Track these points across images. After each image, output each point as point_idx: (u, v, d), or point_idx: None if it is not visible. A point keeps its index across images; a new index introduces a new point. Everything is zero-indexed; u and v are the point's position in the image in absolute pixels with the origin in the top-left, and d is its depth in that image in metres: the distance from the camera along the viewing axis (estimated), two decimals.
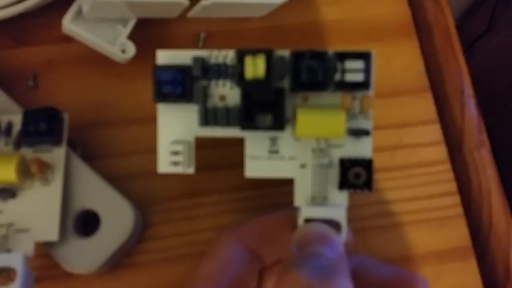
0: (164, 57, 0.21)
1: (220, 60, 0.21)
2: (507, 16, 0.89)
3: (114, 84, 0.28)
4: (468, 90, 0.30)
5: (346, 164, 0.22)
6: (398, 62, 0.31)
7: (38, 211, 0.22)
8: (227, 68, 0.21)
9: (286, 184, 0.23)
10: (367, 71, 0.21)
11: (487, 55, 0.98)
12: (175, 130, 0.22)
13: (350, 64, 0.21)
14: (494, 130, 0.96)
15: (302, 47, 0.29)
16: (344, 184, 0.22)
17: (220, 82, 0.22)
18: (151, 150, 0.26)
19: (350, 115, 0.22)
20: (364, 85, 0.21)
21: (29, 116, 0.23)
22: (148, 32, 0.29)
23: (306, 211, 0.22)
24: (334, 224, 0.21)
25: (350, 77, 0.21)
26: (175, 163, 0.22)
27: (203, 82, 0.21)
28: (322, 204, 0.22)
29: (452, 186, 0.29)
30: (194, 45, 0.30)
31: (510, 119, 0.92)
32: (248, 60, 0.21)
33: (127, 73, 0.28)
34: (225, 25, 0.30)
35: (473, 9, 1.03)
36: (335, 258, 0.19)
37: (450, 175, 0.29)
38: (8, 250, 0.21)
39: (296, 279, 0.18)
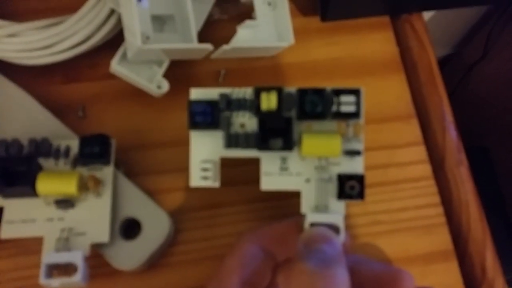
0: (196, 93, 0.26)
1: (241, 96, 0.25)
2: (501, 43, 0.91)
3: (150, 114, 0.32)
4: (448, 116, 0.33)
5: (343, 179, 0.25)
6: (389, 93, 0.34)
7: (92, 218, 0.26)
8: (246, 102, 0.25)
9: (293, 197, 0.26)
10: (357, 103, 0.25)
11: (484, 79, 0.98)
12: (204, 151, 0.26)
13: (344, 98, 0.25)
14: (493, 151, 0.97)
15: (305, 81, 0.33)
16: (341, 194, 0.25)
17: (241, 113, 0.26)
18: (180, 169, 0.30)
19: (345, 139, 0.25)
20: (355, 115, 0.25)
21: (85, 141, 0.27)
22: (179, 71, 0.32)
23: (310, 217, 0.25)
24: (334, 228, 0.24)
25: (344, 109, 0.25)
26: (205, 178, 0.25)
27: (227, 113, 0.25)
28: (324, 211, 0.25)
29: (436, 199, 0.32)
30: (215, 80, 0.33)
31: (508, 140, 0.93)
32: (263, 96, 0.25)
33: (161, 105, 0.32)
34: (241, 63, 0.34)
35: (470, 37, 1.04)
36: (334, 254, 0.23)
37: (434, 189, 0.32)
38: (69, 250, 0.26)
39: (302, 268, 0.21)
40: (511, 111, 0.91)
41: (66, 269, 0.25)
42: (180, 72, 0.33)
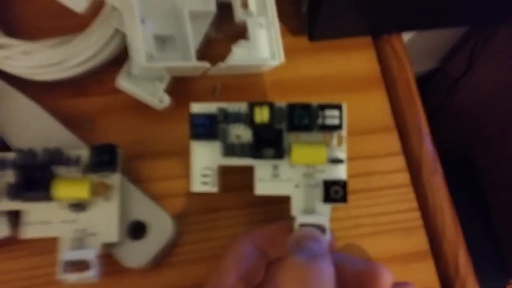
0: (196, 107, 0.28)
1: (236, 110, 0.28)
2: (485, 56, 0.93)
3: (152, 126, 0.34)
4: (425, 129, 0.36)
5: (328, 184, 0.28)
6: (370, 107, 0.36)
7: (102, 220, 0.29)
8: (241, 115, 0.28)
9: (284, 203, 0.28)
10: (340, 117, 0.28)
11: (468, 92, 0.99)
12: (204, 160, 0.28)
13: (328, 112, 0.27)
14: (478, 161, 0.99)
15: (294, 96, 0.36)
16: (327, 198, 0.28)
17: (236, 125, 0.28)
18: (181, 176, 0.33)
19: (329, 149, 0.28)
20: (338, 127, 0.28)
21: (95, 150, 0.30)
22: (179, 86, 0.34)
23: (300, 219, 0.27)
24: (320, 228, 0.27)
25: (328, 122, 0.28)
26: (205, 183, 0.28)
27: (224, 125, 0.28)
28: (311, 213, 0.28)
29: (413, 204, 0.34)
30: (212, 95, 0.36)
31: (492, 151, 0.95)
32: (257, 110, 0.27)
33: (163, 117, 0.34)
34: (236, 79, 0.36)
35: (454, 51, 1.07)
36: (320, 250, 0.25)
37: (412, 195, 0.34)
38: (83, 249, 0.28)
39: (293, 261, 0.24)
40: (494, 123, 0.93)
41: (80, 266, 0.28)
42: (180, 87, 0.35)
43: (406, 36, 0.81)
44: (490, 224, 0.93)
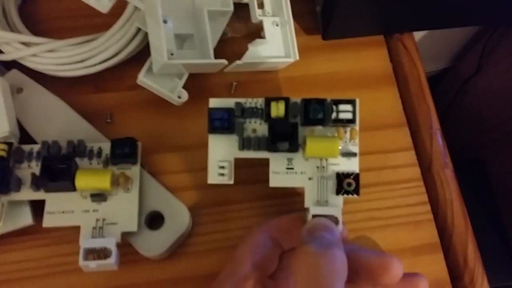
0: (214, 102, 0.29)
1: (253, 105, 0.29)
2: (496, 56, 0.93)
3: (171, 121, 0.35)
4: (435, 125, 0.37)
5: (341, 177, 0.28)
6: (383, 104, 0.37)
7: (122, 210, 0.30)
8: (258, 110, 0.29)
9: (296, 196, 0.29)
10: (353, 112, 0.28)
11: (479, 93, 0.98)
12: (221, 152, 0.29)
13: (342, 107, 0.28)
14: (488, 162, 0.99)
15: (308, 93, 0.37)
16: (339, 190, 0.28)
17: (253, 119, 0.29)
18: (197, 170, 0.34)
19: (343, 142, 0.29)
20: (352, 121, 0.28)
21: (116, 143, 0.31)
22: (196, 83, 0.35)
23: (313, 210, 0.28)
24: (333, 219, 0.27)
25: (342, 116, 0.28)
26: (222, 175, 0.29)
27: (241, 120, 0.29)
28: (324, 205, 0.28)
29: (424, 198, 0.35)
30: (228, 91, 0.37)
31: (502, 152, 0.94)
32: (273, 105, 0.28)
33: (181, 112, 0.35)
34: (251, 76, 0.37)
35: (465, 51, 1.06)
36: (333, 239, 0.26)
37: (422, 189, 0.35)
38: (103, 237, 0.29)
39: (306, 250, 0.24)
40: (505, 124, 0.92)
41: (100, 254, 0.29)
42: (198, 83, 0.36)
43: (417, 36, 0.82)
44: (501, 226, 0.93)
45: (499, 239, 0.91)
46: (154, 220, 0.32)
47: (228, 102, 0.29)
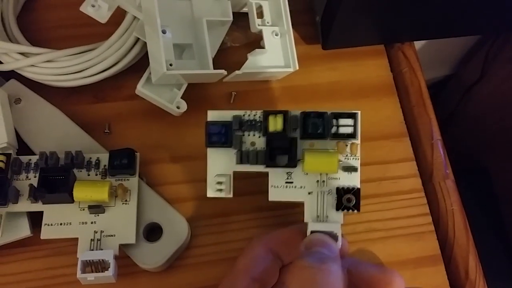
0: (212, 115, 0.29)
1: (251, 118, 0.29)
2: (499, 63, 0.92)
3: (169, 131, 0.35)
4: (436, 135, 0.36)
5: (341, 192, 0.28)
6: (383, 114, 0.37)
7: (120, 222, 0.30)
8: (256, 123, 0.29)
9: (296, 207, 0.28)
10: (354, 126, 0.28)
11: (482, 100, 0.98)
12: (219, 166, 0.29)
13: (343, 121, 0.28)
14: (491, 170, 0.98)
15: (307, 103, 0.36)
16: (339, 206, 0.28)
17: (251, 133, 0.29)
18: (195, 181, 0.34)
19: (343, 156, 0.28)
20: (352, 136, 0.28)
21: (114, 154, 0.31)
22: (196, 93, 0.35)
23: (312, 226, 0.27)
24: (332, 235, 0.27)
25: (342, 130, 0.28)
26: (219, 190, 0.28)
27: (239, 133, 0.29)
28: (325, 220, 0.28)
29: (425, 209, 0.35)
30: (228, 101, 0.36)
31: (506, 160, 0.94)
32: (271, 118, 0.28)
33: (180, 123, 0.35)
34: (250, 86, 0.37)
35: (467, 58, 1.06)
36: (330, 254, 0.26)
37: (423, 200, 0.35)
38: (102, 249, 0.29)
39: (303, 264, 0.24)
40: (508, 131, 0.91)
41: (97, 266, 0.28)
42: (197, 93, 0.36)
43: (419, 42, 0.81)
44: (504, 234, 0.92)
45: (501, 246, 0.90)
46: (152, 232, 0.31)
47: (226, 115, 0.29)
